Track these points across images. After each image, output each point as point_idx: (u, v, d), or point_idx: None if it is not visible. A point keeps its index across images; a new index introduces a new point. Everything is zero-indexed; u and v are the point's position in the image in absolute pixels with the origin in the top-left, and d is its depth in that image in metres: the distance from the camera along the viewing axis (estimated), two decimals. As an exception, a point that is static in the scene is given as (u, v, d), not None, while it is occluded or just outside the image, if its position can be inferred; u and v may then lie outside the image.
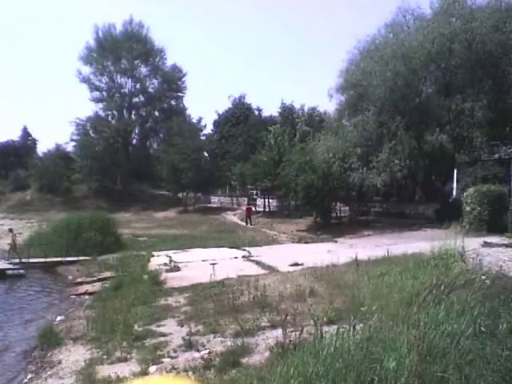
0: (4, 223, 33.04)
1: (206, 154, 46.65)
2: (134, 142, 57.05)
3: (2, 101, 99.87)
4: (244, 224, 31.79)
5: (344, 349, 4.42)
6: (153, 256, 18.01)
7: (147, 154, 54.38)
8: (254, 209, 35.54)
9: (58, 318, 11.24)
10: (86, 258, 19.16)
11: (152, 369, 6.39)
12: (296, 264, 13.58)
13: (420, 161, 23.90)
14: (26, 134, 59.63)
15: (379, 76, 23.53)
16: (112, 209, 38.72)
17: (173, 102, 56.64)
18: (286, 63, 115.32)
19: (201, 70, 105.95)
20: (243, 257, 16.69)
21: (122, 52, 51.68)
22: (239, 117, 51.41)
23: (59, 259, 19.06)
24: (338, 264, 11.90)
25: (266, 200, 36.23)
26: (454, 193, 23.30)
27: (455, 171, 23.52)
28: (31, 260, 19.00)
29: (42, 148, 60.29)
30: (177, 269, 14.55)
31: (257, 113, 53.30)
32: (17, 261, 18.97)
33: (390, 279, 8.86)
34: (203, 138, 50.33)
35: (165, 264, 15.26)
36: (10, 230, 21.82)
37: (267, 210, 35.87)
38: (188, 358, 6.61)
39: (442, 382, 3.93)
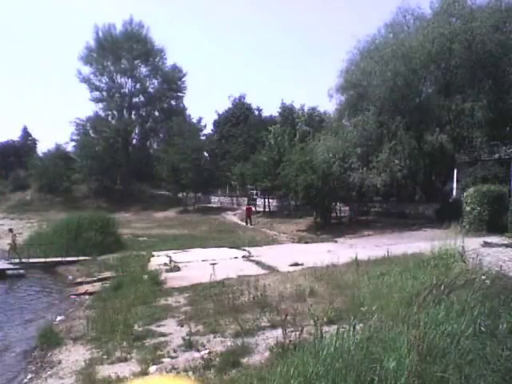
0: (4, 223, 33.08)
1: (206, 153, 46.62)
2: (134, 141, 57.07)
3: (2, 101, 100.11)
4: (244, 224, 31.78)
5: (344, 349, 4.42)
6: (153, 256, 18.01)
7: (147, 154, 54.36)
8: (254, 209, 35.53)
9: (58, 318, 11.25)
10: (86, 258, 19.18)
11: (152, 369, 6.39)
12: (296, 264, 13.57)
13: (420, 161, 23.89)
14: (25, 133, 59.61)
15: (379, 76, 23.51)
16: (112, 209, 38.75)
17: (173, 102, 56.62)
18: (286, 63, 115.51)
19: (201, 70, 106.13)
20: (243, 257, 16.69)
21: (122, 52, 51.65)
22: (239, 117, 51.40)
23: (59, 259, 19.08)
24: (337, 264, 11.90)
25: (266, 200, 36.22)
26: (454, 193, 23.29)
27: (455, 171, 23.52)
28: (31, 260, 19.01)
29: (42, 148, 60.33)
30: (177, 269, 14.54)
31: (257, 113, 53.33)
32: (17, 261, 18.99)
33: (390, 279, 8.86)
34: (203, 138, 50.29)
35: (165, 264, 15.25)
36: (10, 230, 21.86)
37: (267, 210, 35.86)
38: (188, 358, 6.61)
39: (442, 382, 3.93)
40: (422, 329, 4.43)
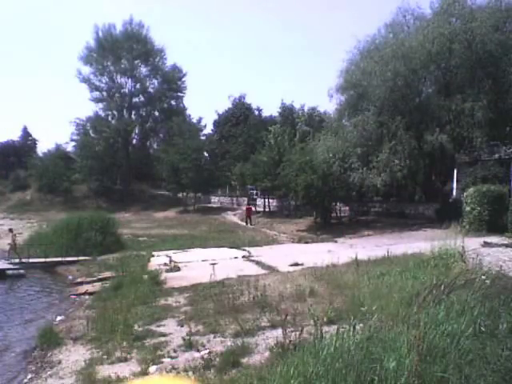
0: (4, 223, 33.08)
1: (206, 153, 46.57)
2: (134, 141, 56.96)
3: (2, 101, 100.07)
4: (244, 224, 31.77)
5: (344, 349, 4.42)
6: (153, 256, 18.02)
7: (147, 154, 54.33)
8: (254, 209, 35.51)
9: (58, 318, 11.25)
10: (86, 258, 19.19)
11: (152, 369, 6.39)
12: (296, 264, 13.57)
13: (420, 161, 23.89)
14: (26, 133, 59.51)
15: (379, 76, 23.49)
16: (112, 209, 38.73)
17: (173, 102, 56.53)
18: (287, 63, 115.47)
19: (201, 70, 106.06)
20: (243, 257, 16.69)
21: (122, 52, 51.59)
22: (239, 117, 51.39)
23: (59, 259, 19.08)
24: (337, 264, 11.91)
25: (266, 200, 36.21)
26: (454, 193, 23.28)
27: (455, 171, 23.49)
28: (31, 260, 19.02)
29: (42, 148, 60.07)
30: (177, 269, 14.55)
31: (257, 113, 53.31)
32: (17, 261, 18.98)
33: (390, 279, 8.86)
34: (203, 138, 50.28)
35: (165, 264, 15.26)
36: (10, 230, 21.84)
37: (267, 210, 35.84)
38: (188, 358, 6.61)
39: (442, 382, 3.93)
40: (422, 329, 4.43)
